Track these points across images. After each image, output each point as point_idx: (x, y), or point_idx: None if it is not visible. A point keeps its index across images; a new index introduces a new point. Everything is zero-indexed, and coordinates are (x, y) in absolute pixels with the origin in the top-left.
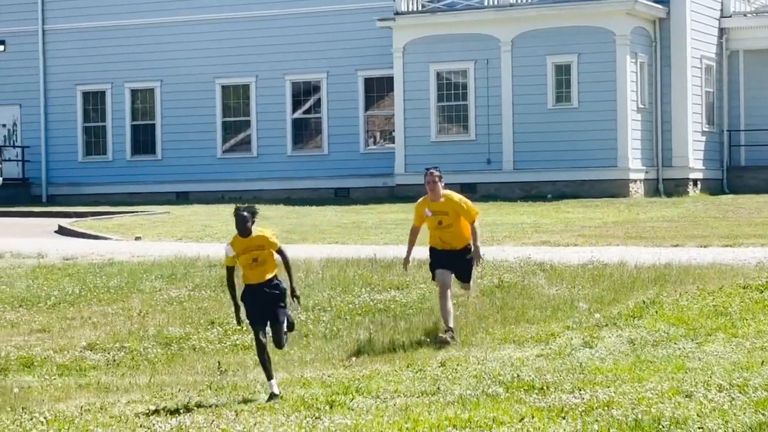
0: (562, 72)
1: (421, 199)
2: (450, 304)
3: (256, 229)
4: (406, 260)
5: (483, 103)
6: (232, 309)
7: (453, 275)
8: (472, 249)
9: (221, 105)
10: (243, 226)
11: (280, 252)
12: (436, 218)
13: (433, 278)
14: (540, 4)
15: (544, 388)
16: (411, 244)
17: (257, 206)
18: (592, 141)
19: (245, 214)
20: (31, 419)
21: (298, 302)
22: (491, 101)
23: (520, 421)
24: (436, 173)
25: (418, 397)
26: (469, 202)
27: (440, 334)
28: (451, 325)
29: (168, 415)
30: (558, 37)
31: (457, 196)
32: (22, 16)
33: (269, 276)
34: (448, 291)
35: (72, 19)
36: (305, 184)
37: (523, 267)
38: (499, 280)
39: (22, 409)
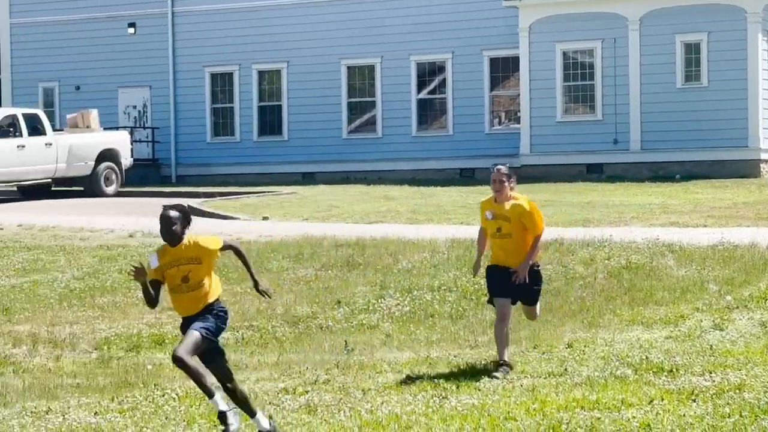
0: (692, 51)
1: (486, 198)
2: (506, 333)
3: (190, 236)
4: (476, 265)
5: (610, 82)
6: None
7: (512, 301)
8: (523, 261)
9: (347, 86)
10: (168, 231)
11: (230, 248)
12: (496, 224)
13: (489, 301)
14: None
15: (674, 370)
16: (480, 246)
17: (188, 206)
18: (722, 121)
19: (172, 214)
20: (163, 395)
21: (268, 296)
22: (618, 81)
23: (649, 403)
24: (504, 170)
25: (545, 378)
26: (540, 214)
27: (494, 373)
28: (506, 358)
29: (296, 393)
30: (687, 15)
31: (528, 203)
32: None
33: (206, 303)
34: (507, 321)
35: (201, 0)
36: (430, 164)
37: (651, 248)
38: (626, 261)
39: (154, 385)
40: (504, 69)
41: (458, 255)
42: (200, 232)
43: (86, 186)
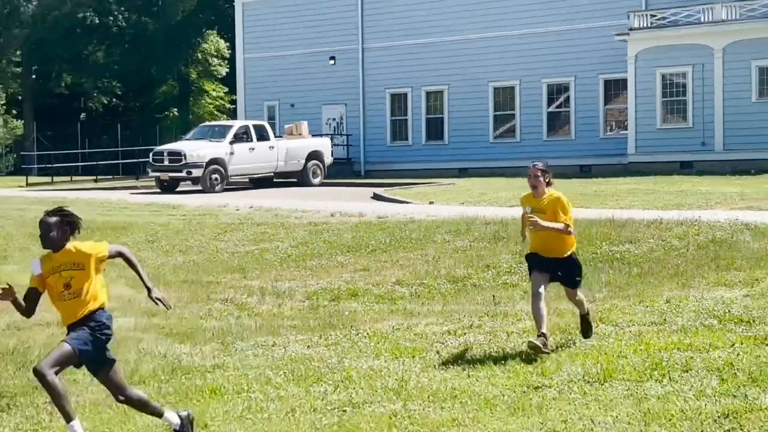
0: (764, 73)
1: (526, 193)
2: (542, 307)
3: (74, 242)
4: (523, 233)
5: (699, 98)
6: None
7: (548, 283)
8: (545, 222)
9: (493, 102)
10: (46, 237)
11: (118, 255)
12: (536, 215)
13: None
14: (747, 20)
15: (750, 321)
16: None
17: (75, 213)
18: None
19: (49, 220)
20: (357, 334)
21: (165, 305)
22: (705, 96)
23: (731, 346)
24: (540, 167)
25: (648, 326)
26: (570, 208)
27: (532, 340)
28: (544, 330)
29: (456, 334)
30: (761, 45)
31: (561, 197)
32: (346, 39)
33: (87, 310)
34: (541, 295)
35: (382, 39)
36: (556, 162)
37: (732, 227)
38: (712, 237)
39: (351, 327)
40: (615, 88)
41: (580, 231)
42: (386, 211)
43: (298, 178)
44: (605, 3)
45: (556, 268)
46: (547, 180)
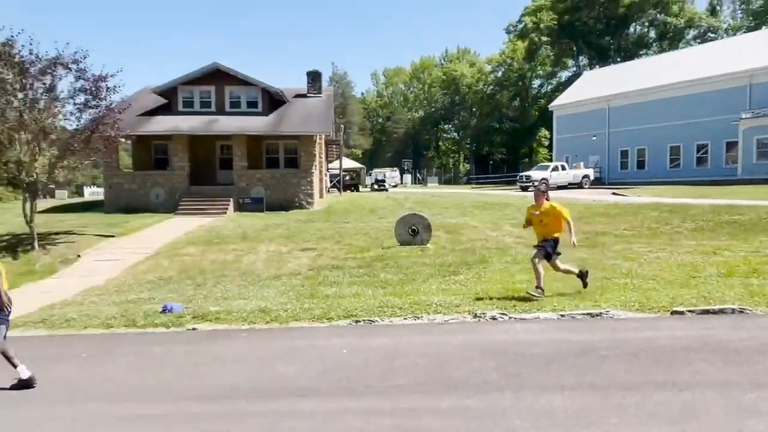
0: None
1: (530, 205)
2: (539, 270)
3: None
4: (527, 223)
5: None
6: None
7: (543, 258)
8: (572, 238)
9: (669, 153)
10: None
11: None
12: (539, 217)
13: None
14: None
15: None
16: (527, 223)
17: None
18: None
19: None
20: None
21: None
22: None
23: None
24: (542, 188)
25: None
26: (564, 210)
27: (530, 291)
28: (540, 284)
29: (666, 251)
30: None
31: (557, 204)
32: (601, 126)
33: None
34: (538, 263)
35: (618, 127)
36: (753, 176)
37: None
38: None
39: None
40: (729, 148)
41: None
42: (613, 200)
43: (578, 186)
44: (724, 107)
45: (545, 246)
46: (546, 196)
